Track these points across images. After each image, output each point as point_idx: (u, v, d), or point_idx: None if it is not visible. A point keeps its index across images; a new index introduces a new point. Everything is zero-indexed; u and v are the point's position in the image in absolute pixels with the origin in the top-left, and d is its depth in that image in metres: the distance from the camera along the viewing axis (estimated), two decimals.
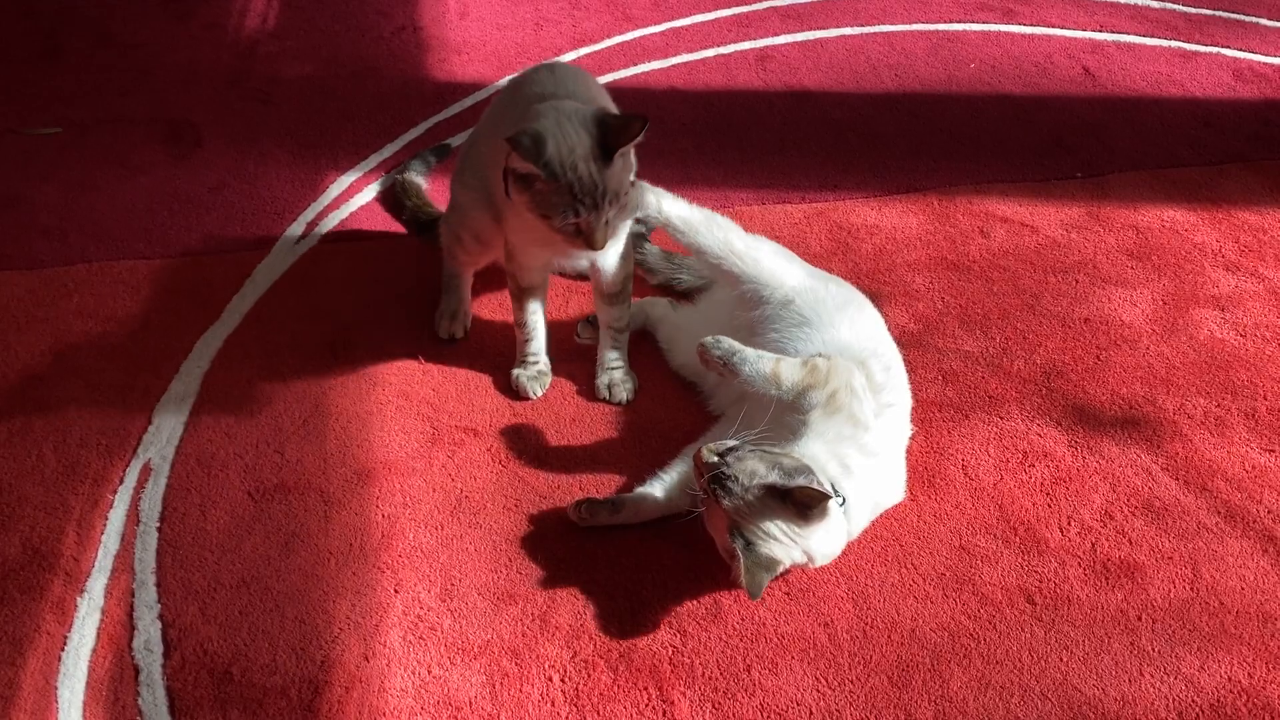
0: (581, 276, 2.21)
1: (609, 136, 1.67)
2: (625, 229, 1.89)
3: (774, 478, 1.56)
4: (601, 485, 1.85)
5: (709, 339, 1.72)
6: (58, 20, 3.14)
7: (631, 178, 1.75)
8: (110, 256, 2.31)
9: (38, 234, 2.37)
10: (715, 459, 1.60)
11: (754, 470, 1.57)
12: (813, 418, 1.68)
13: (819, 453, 1.66)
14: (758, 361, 1.69)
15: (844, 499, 1.64)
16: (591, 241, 1.72)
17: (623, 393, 1.99)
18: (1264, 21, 3.09)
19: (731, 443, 1.64)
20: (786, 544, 1.58)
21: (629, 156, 1.74)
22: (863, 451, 1.68)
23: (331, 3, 3.22)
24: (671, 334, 2.07)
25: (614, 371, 2.01)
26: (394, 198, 2.40)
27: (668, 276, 2.18)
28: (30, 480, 1.85)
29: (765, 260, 1.93)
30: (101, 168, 2.56)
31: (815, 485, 1.56)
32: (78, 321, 2.16)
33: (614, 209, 1.72)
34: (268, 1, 3.23)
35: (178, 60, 2.97)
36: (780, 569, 1.61)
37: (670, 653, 1.62)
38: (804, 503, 1.56)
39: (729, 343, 1.71)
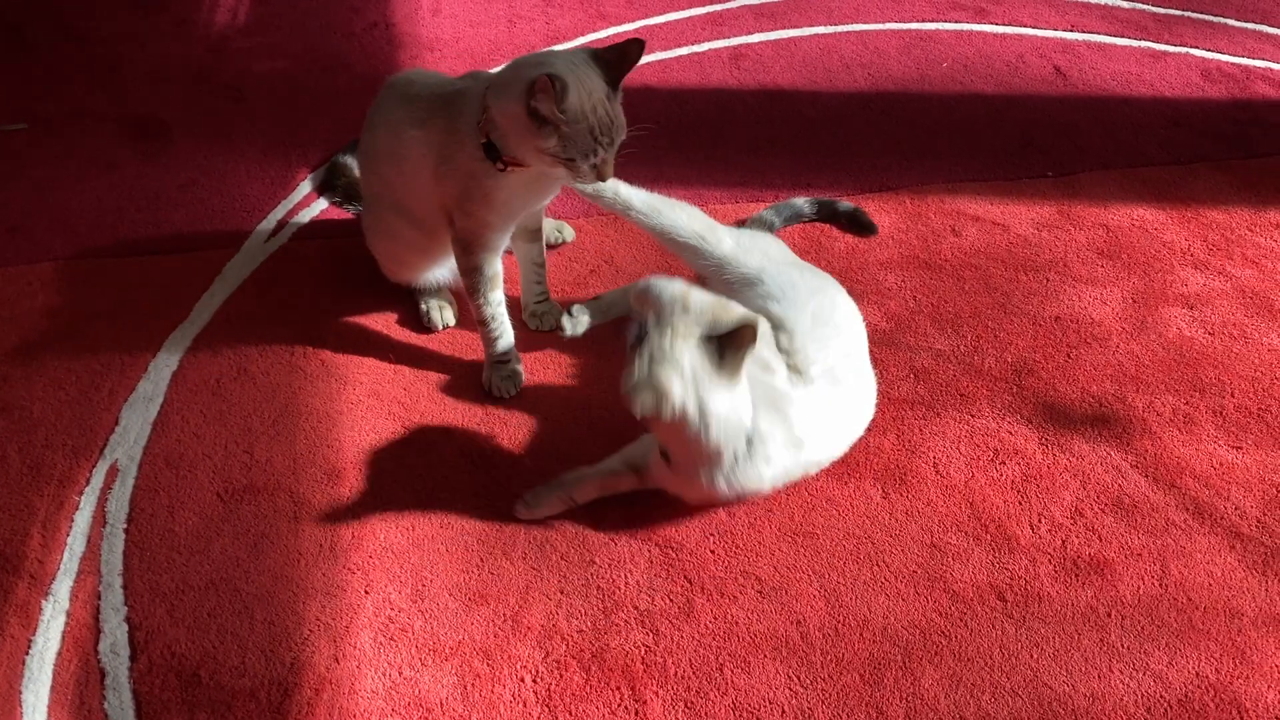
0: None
1: (613, 70, 1.73)
2: None
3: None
4: None
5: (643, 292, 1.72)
6: (22, 14, 3.09)
7: None
8: (77, 254, 2.28)
9: (4, 232, 2.34)
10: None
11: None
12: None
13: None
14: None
15: (749, 437, 1.65)
16: (604, 174, 1.77)
17: (552, 320, 2.10)
18: (1231, 22, 3.12)
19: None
20: (685, 380, 1.57)
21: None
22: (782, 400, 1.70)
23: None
24: None
25: (544, 303, 2.12)
26: (326, 179, 2.44)
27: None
28: None
29: (728, 238, 1.96)
30: (69, 165, 2.53)
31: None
32: (43, 320, 2.13)
33: (621, 138, 1.78)
34: None
35: (147, 56, 2.93)
36: (667, 405, 1.57)
37: (643, 652, 1.61)
38: (732, 341, 1.56)
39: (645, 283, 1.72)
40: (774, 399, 1.69)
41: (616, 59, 1.72)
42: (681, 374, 1.57)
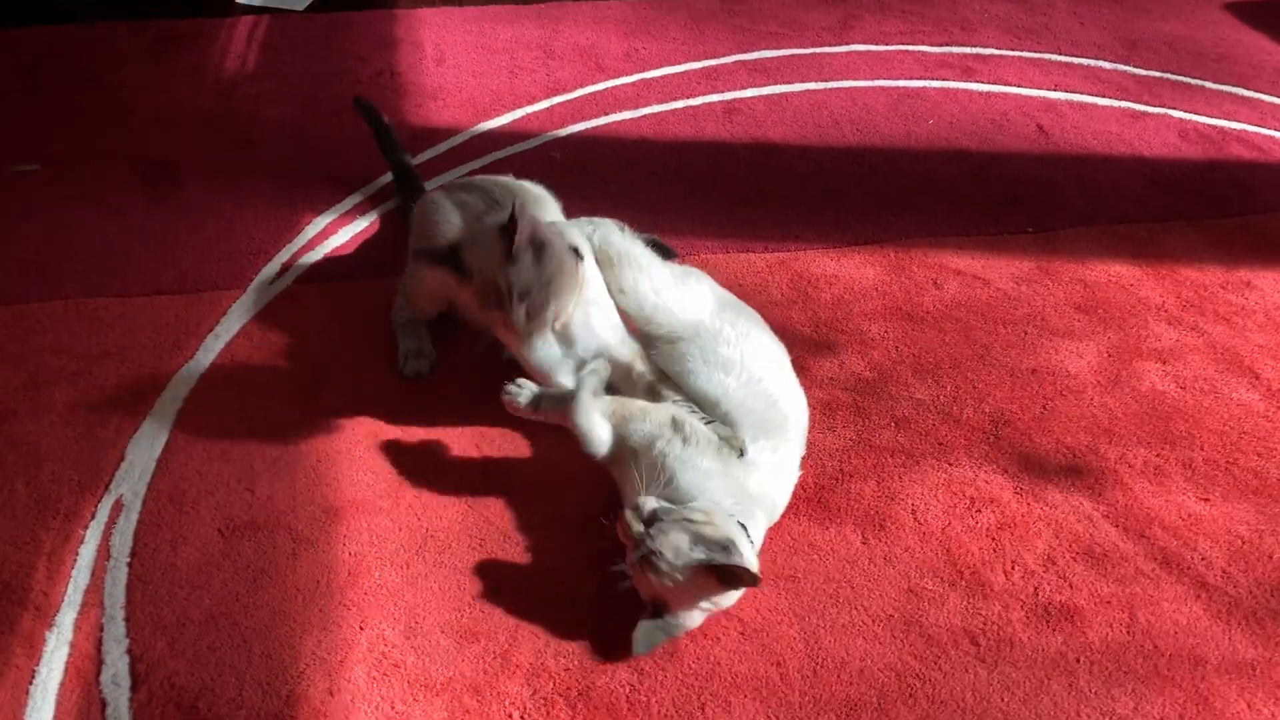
0: None
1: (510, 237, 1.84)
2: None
3: (699, 555, 1.64)
4: (568, 523, 1.90)
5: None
6: (39, 58, 3.19)
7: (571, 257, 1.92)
8: (87, 293, 2.35)
9: (15, 270, 2.41)
10: (640, 529, 1.67)
11: (678, 546, 1.65)
12: (684, 453, 1.78)
13: (717, 494, 1.76)
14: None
15: (752, 541, 1.75)
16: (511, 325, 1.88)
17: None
18: (1208, 85, 3.22)
19: (652, 504, 1.71)
20: (703, 611, 1.70)
21: (551, 249, 1.87)
22: (749, 485, 1.80)
23: (310, 47, 3.29)
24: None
25: None
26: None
27: None
28: (1, 514, 1.88)
29: (660, 297, 2.00)
30: (81, 206, 2.61)
31: (741, 561, 1.66)
32: (53, 357, 2.20)
33: (525, 302, 1.85)
34: (248, 44, 3.30)
35: (158, 100, 3.03)
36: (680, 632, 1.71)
37: (628, 690, 1.67)
38: (732, 579, 1.65)
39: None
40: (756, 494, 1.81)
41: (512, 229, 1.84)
42: (699, 611, 1.71)
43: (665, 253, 2.22)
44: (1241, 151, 2.94)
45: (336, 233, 2.55)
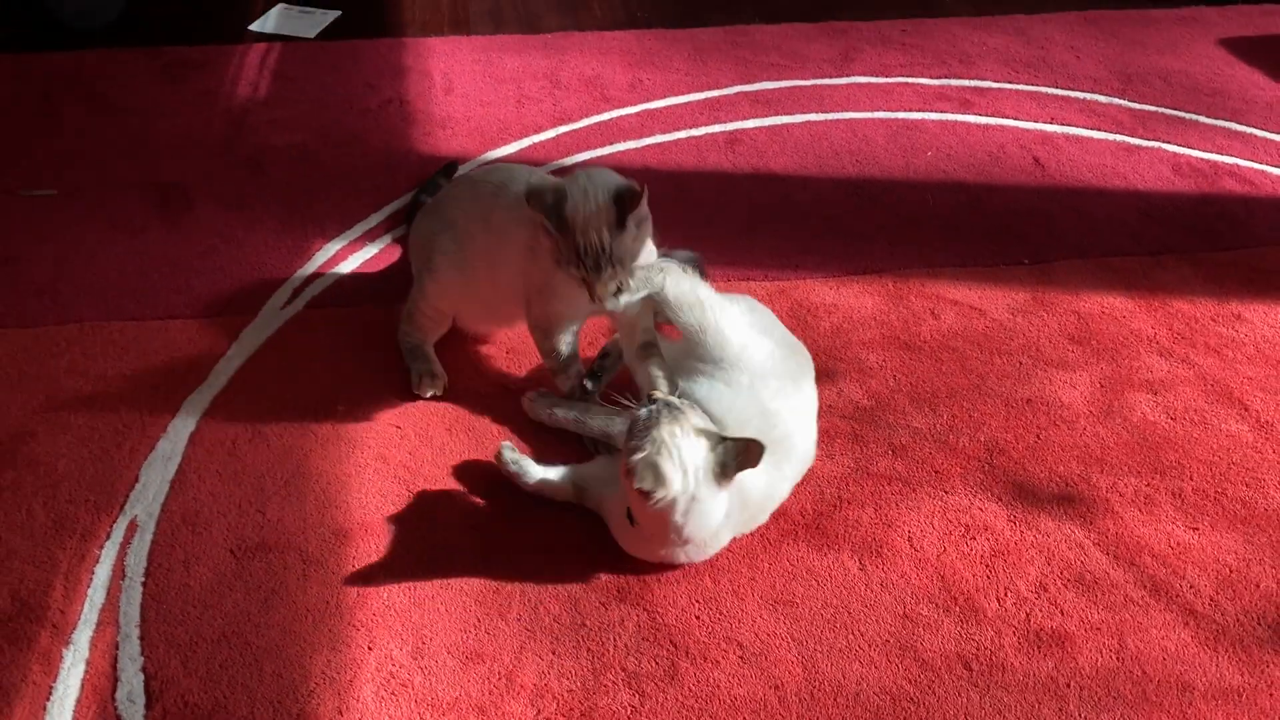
0: None
1: (622, 207, 1.90)
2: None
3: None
4: (572, 547, 1.95)
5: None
6: (53, 83, 3.26)
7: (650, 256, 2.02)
8: (102, 317, 2.41)
9: (32, 294, 2.46)
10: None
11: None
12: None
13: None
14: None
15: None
16: (593, 294, 1.94)
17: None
18: (1202, 119, 3.29)
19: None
20: (687, 477, 1.74)
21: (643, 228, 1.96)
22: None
23: (321, 75, 3.36)
24: None
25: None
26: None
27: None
28: (20, 534, 1.93)
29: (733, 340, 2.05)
30: (95, 230, 2.67)
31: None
32: (69, 380, 2.25)
33: (619, 271, 1.93)
34: (260, 71, 3.36)
35: (171, 126, 3.09)
36: (661, 493, 1.73)
37: (629, 712, 1.71)
38: (738, 456, 1.75)
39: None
40: (739, 485, 1.84)
41: (627, 199, 1.90)
42: (684, 470, 1.74)
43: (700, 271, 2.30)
44: (1234, 186, 3.00)
45: (346, 258, 2.60)
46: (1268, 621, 1.86)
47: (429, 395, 2.22)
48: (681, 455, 1.73)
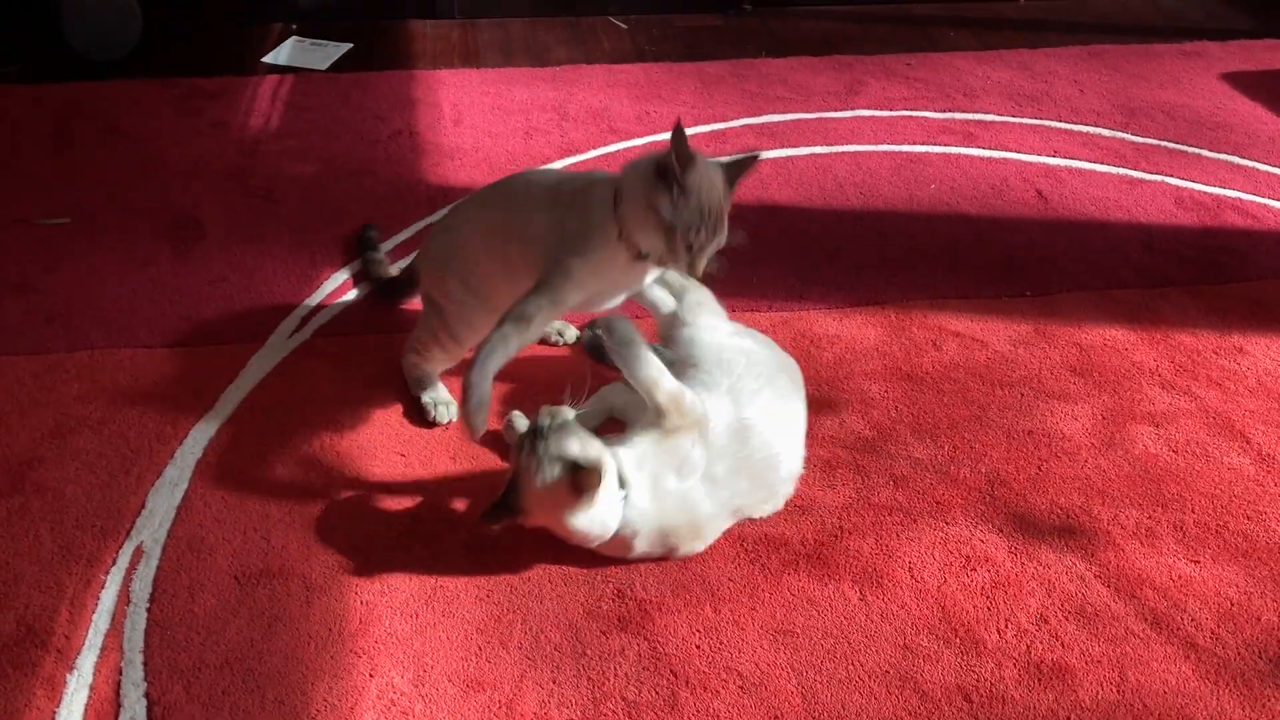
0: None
1: (732, 174, 1.94)
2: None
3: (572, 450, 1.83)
4: (571, 578, 1.96)
5: (609, 322, 1.97)
6: (69, 112, 3.31)
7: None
8: (112, 344, 2.44)
9: (44, 321, 2.49)
10: (547, 422, 1.86)
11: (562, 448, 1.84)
12: (652, 433, 1.94)
13: (634, 455, 1.92)
14: (646, 366, 1.93)
15: (626, 494, 1.89)
16: (696, 267, 1.93)
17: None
18: (1205, 153, 3.31)
19: (569, 413, 1.89)
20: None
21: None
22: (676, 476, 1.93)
23: (332, 106, 3.40)
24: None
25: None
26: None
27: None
28: (27, 559, 1.95)
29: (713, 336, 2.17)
30: (107, 258, 2.70)
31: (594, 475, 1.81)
32: (78, 406, 2.27)
33: (720, 240, 1.94)
34: (272, 102, 3.41)
35: (184, 155, 3.13)
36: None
37: None
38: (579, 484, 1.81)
39: (629, 333, 1.96)
40: (669, 491, 1.93)
41: (737, 168, 1.94)
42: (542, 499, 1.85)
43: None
44: (1236, 219, 3.02)
45: (355, 287, 2.63)
46: (1269, 655, 1.86)
47: (444, 422, 2.24)
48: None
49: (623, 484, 1.89)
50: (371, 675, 1.79)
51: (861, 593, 1.95)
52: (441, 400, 2.27)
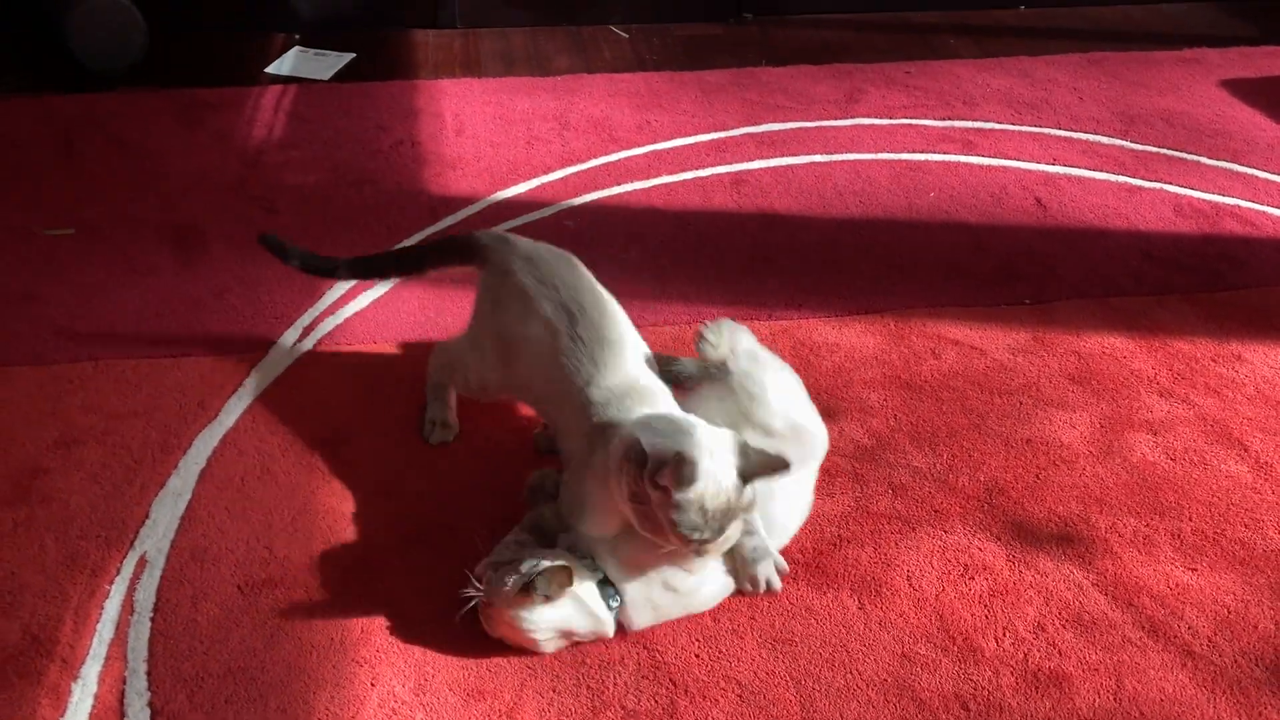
0: None
1: (749, 469, 1.76)
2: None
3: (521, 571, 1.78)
4: None
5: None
6: (74, 124, 3.33)
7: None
8: (116, 355, 2.45)
9: (49, 331, 2.51)
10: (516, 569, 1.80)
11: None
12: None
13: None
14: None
15: (619, 600, 1.85)
16: (703, 554, 1.79)
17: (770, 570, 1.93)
18: (1204, 160, 3.32)
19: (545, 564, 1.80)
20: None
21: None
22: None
23: (334, 116, 3.42)
24: None
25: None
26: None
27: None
28: (32, 568, 1.97)
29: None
30: (111, 269, 2.72)
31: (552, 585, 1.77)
32: (83, 416, 2.29)
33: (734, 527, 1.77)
34: (275, 113, 3.43)
35: (187, 166, 3.15)
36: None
37: None
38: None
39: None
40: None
41: (762, 464, 1.75)
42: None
43: None
44: (1235, 226, 3.03)
45: (356, 298, 2.65)
46: (1265, 663, 1.87)
47: (436, 443, 2.25)
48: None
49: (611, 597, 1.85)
50: (373, 684, 1.80)
51: (860, 601, 1.96)
52: (442, 422, 2.27)
